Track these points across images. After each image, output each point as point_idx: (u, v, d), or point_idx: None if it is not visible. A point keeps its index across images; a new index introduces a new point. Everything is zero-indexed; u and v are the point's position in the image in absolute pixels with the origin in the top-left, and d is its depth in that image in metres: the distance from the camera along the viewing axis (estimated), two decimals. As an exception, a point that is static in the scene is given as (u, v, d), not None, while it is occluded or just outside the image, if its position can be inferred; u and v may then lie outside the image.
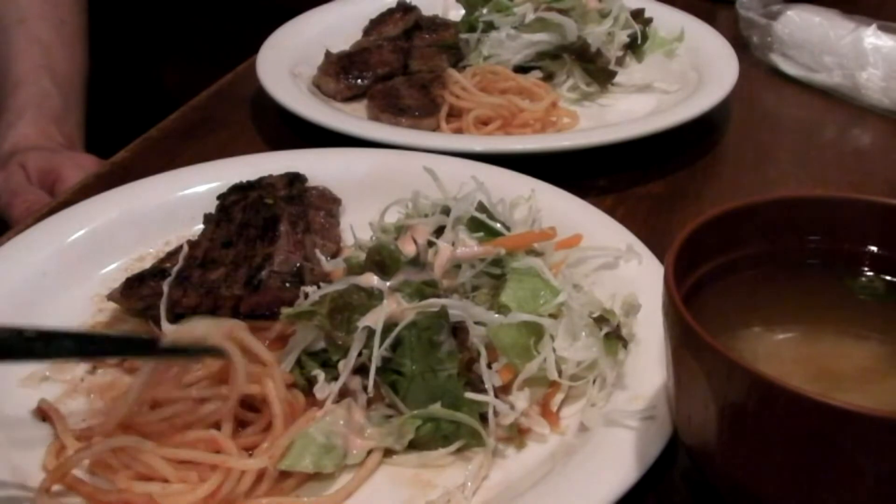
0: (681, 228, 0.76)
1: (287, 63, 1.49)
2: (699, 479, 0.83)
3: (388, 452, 0.85)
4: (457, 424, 0.85)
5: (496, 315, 0.89)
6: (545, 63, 1.51)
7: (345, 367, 0.86)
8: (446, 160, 1.18)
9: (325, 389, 0.86)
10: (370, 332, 0.86)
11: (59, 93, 1.62)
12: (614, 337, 0.88)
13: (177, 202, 1.15)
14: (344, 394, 0.87)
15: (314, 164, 1.20)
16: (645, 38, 1.59)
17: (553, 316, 0.91)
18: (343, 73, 1.48)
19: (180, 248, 1.05)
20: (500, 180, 1.11)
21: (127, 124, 1.51)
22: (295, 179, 1.16)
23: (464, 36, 1.55)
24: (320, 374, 0.87)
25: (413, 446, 0.85)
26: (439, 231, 0.98)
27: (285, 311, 0.92)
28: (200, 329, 0.86)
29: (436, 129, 1.38)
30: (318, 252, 1.03)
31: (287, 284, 0.98)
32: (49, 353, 0.79)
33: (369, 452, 0.84)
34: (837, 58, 1.51)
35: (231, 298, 0.98)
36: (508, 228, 0.99)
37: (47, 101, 1.60)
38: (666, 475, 0.82)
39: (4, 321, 0.95)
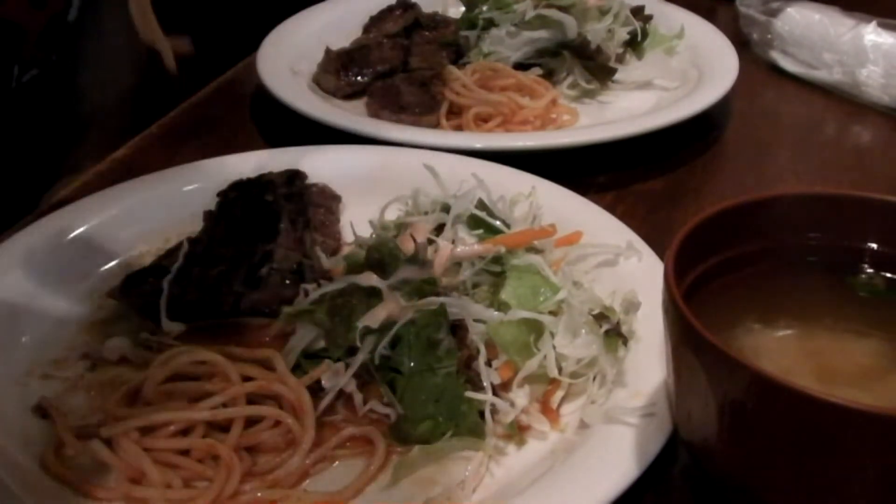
0: (681, 225, 0.76)
1: (287, 60, 1.49)
2: (699, 476, 0.83)
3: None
4: (456, 422, 0.85)
5: (496, 312, 0.90)
6: (545, 60, 1.51)
7: (351, 365, 0.86)
8: (446, 157, 1.18)
9: (332, 379, 0.86)
10: (369, 331, 0.86)
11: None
12: (614, 334, 0.88)
13: (177, 199, 1.15)
14: (340, 393, 0.87)
15: (314, 161, 1.20)
16: (645, 35, 1.59)
17: (553, 313, 0.91)
18: (343, 70, 1.48)
19: (180, 245, 1.05)
20: (500, 177, 1.11)
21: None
22: (295, 176, 1.16)
23: (464, 33, 1.55)
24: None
25: (412, 444, 0.85)
26: (439, 229, 0.98)
27: (285, 310, 0.92)
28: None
29: (436, 126, 1.38)
30: (317, 249, 1.04)
31: (287, 282, 0.98)
32: None
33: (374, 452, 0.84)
34: (837, 55, 1.51)
35: (231, 295, 0.98)
36: (508, 226, 0.99)
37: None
38: (666, 472, 0.82)
39: (4, 318, 0.96)
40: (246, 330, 0.97)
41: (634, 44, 1.58)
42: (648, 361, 0.88)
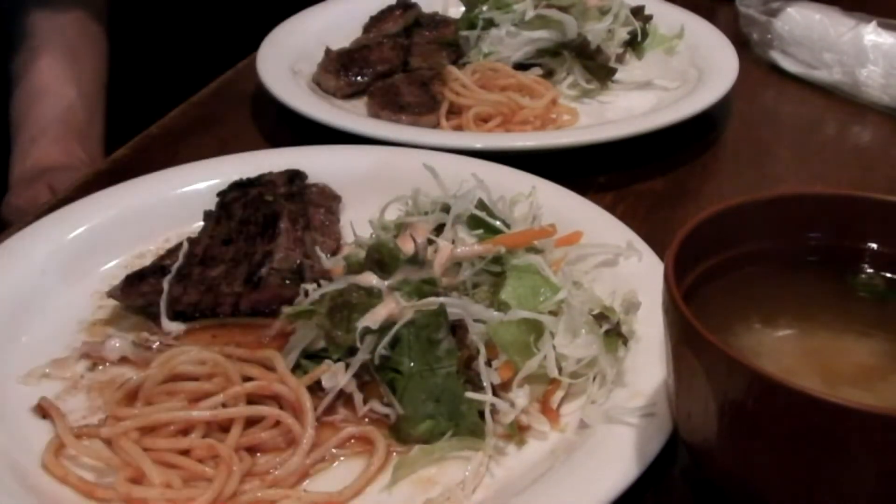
0: (681, 225, 0.76)
1: (287, 60, 1.49)
2: (699, 476, 0.83)
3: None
4: (456, 422, 0.85)
5: (496, 312, 0.90)
6: (545, 60, 1.51)
7: (351, 365, 0.86)
8: (446, 157, 1.18)
9: (332, 379, 0.86)
10: (369, 331, 0.86)
11: (84, 106, 1.60)
12: (614, 334, 0.88)
13: (177, 199, 1.15)
14: (340, 393, 0.87)
15: (314, 161, 1.20)
16: (645, 35, 1.59)
17: (553, 313, 0.91)
18: (343, 70, 1.48)
19: (180, 245, 1.05)
20: (500, 177, 1.11)
21: (127, 121, 1.51)
22: (295, 176, 1.16)
23: (464, 33, 1.54)
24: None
25: (412, 444, 0.85)
26: (439, 229, 0.98)
27: (285, 309, 0.92)
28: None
29: (436, 126, 1.38)
30: (317, 249, 1.04)
31: (287, 282, 0.98)
32: None
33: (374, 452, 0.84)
34: (837, 55, 1.51)
35: (231, 296, 0.98)
36: (508, 226, 0.99)
37: (72, 115, 1.57)
38: (666, 472, 0.82)
39: (4, 318, 0.96)
40: (246, 330, 0.97)
41: (634, 44, 1.58)
42: (648, 361, 0.88)
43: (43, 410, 0.88)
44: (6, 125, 1.62)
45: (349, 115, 1.38)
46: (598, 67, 1.49)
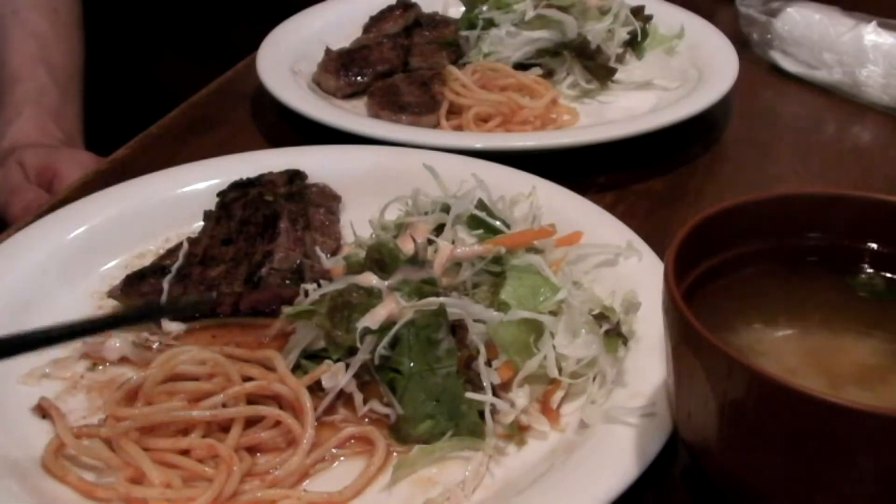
0: (681, 225, 0.76)
1: (287, 60, 1.49)
2: (699, 476, 0.83)
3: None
4: (456, 422, 0.85)
5: (496, 313, 0.90)
6: (545, 60, 1.51)
7: (351, 365, 0.86)
8: (446, 157, 1.18)
9: (332, 379, 0.86)
10: (369, 331, 0.86)
11: (57, 86, 1.61)
12: (614, 334, 0.88)
13: (177, 199, 1.15)
14: (340, 393, 0.87)
15: (314, 161, 1.20)
16: (645, 35, 1.59)
17: (553, 313, 0.91)
18: (343, 70, 1.48)
19: (180, 245, 1.05)
20: (500, 177, 1.11)
21: (127, 121, 1.51)
22: (295, 176, 1.16)
23: (464, 33, 1.55)
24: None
25: (412, 444, 0.85)
26: (439, 229, 0.98)
27: (286, 310, 0.92)
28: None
29: (436, 126, 1.38)
30: (317, 249, 1.04)
31: (287, 282, 0.98)
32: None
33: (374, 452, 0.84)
34: (837, 55, 1.51)
35: (231, 296, 0.98)
36: (508, 226, 0.99)
37: (45, 97, 1.59)
38: (666, 472, 0.82)
39: (4, 318, 0.96)
40: (246, 330, 0.97)
41: (634, 44, 1.58)
42: (648, 361, 0.88)
43: (43, 410, 0.88)
44: None
45: (349, 115, 1.38)
46: (598, 67, 1.49)
